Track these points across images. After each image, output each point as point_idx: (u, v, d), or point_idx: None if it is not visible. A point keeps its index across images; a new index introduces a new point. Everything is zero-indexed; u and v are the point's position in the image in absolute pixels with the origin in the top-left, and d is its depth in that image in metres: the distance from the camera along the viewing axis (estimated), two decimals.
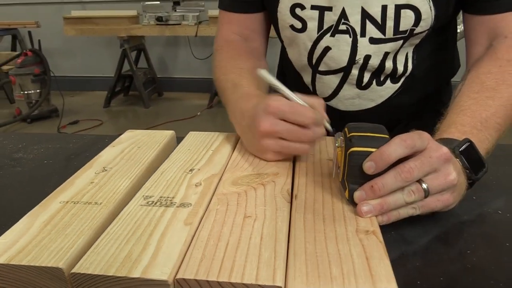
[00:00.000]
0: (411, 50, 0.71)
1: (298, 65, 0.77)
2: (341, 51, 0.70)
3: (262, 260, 0.33)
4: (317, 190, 0.45)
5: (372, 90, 0.73)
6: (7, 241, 0.37)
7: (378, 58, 0.69)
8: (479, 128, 0.52)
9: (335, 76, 0.73)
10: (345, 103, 0.75)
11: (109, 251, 0.35)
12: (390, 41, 0.67)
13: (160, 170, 0.51)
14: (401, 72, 0.72)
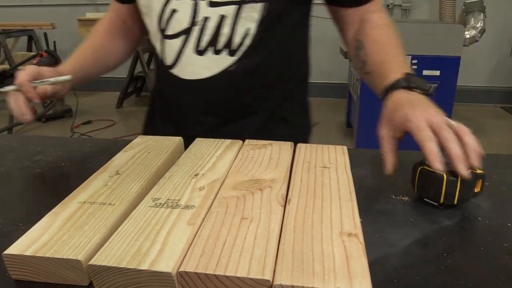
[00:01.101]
0: (253, 26, 0.75)
1: (153, 33, 0.83)
2: (184, 13, 0.75)
3: (254, 257, 0.38)
4: (309, 196, 0.50)
5: (209, 58, 0.77)
6: (32, 236, 0.42)
7: (214, 21, 0.74)
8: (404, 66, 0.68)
9: (178, 39, 0.77)
10: (185, 70, 0.79)
11: (121, 247, 0.40)
12: (225, 4, 0.73)
13: (168, 175, 0.56)
14: (238, 43, 0.76)
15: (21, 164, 0.72)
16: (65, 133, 3.54)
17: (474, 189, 0.54)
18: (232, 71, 0.77)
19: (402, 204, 0.56)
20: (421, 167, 0.55)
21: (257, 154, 0.63)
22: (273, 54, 0.79)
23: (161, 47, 0.81)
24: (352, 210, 0.47)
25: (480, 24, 3.04)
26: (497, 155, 0.73)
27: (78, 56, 0.84)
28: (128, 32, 0.93)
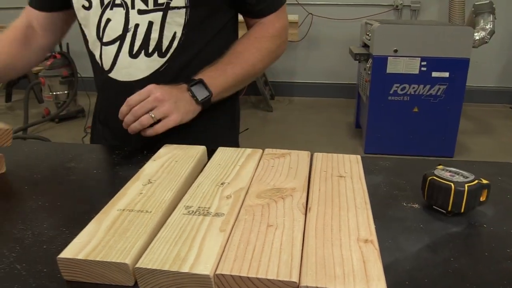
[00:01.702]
0: (179, 29, 0.84)
1: (91, 42, 0.90)
2: (118, 22, 0.84)
3: (281, 261, 0.43)
4: (327, 205, 0.55)
5: (142, 60, 0.86)
6: (81, 242, 0.48)
7: (144, 27, 0.83)
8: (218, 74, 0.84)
9: (114, 45, 0.86)
10: (121, 72, 0.87)
11: (163, 251, 0.45)
12: (152, 11, 0.82)
13: (197, 183, 0.61)
14: (167, 46, 0.85)
15: (56, 171, 0.77)
16: (79, 134, 3.61)
17: (480, 198, 0.58)
18: (163, 71, 0.87)
19: (413, 211, 0.61)
20: (430, 177, 0.60)
21: (277, 164, 0.68)
22: (200, 55, 0.88)
23: (99, 53, 0.89)
24: (367, 218, 0.52)
25: (489, 25, 3.05)
26: (504, 164, 0.77)
27: None
28: (35, 42, 0.98)
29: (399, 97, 2.86)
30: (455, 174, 0.59)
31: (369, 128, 2.98)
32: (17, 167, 0.78)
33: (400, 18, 4.07)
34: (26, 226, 0.58)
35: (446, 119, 2.85)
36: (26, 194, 0.69)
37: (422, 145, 2.94)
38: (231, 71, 0.86)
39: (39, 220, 0.60)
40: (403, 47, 2.74)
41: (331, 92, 4.41)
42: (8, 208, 0.64)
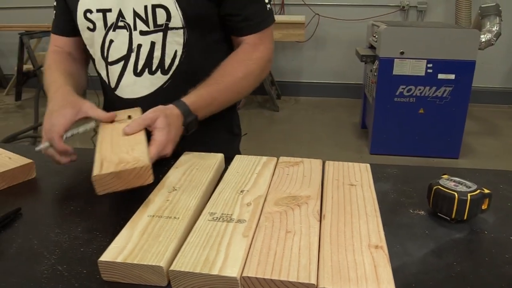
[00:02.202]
0: (180, 48, 0.89)
1: (97, 61, 0.95)
2: (121, 42, 0.90)
3: (300, 265, 0.48)
4: (340, 212, 0.59)
5: (146, 78, 0.91)
6: (118, 246, 0.53)
7: (147, 47, 0.89)
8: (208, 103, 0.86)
9: (118, 65, 0.91)
10: (126, 90, 0.93)
11: (193, 255, 0.50)
12: (153, 32, 0.88)
13: (218, 191, 0.66)
14: (169, 64, 0.90)
15: (83, 176, 0.82)
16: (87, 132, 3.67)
17: (481, 206, 0.63)
18: (166, 87, 0.92)
19: (419, 218, 0.65)
20: (436, 187, 0.64)
21: (291, 172, 0.72)
22: (200, 70, 0.91)
23: (106, 72, 0.95)
24: (377, 225, 0.56)
25: (496, 27, 3.08)
26: (505, 172, 0.82)
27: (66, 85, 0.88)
28: (76, 60, 1.01)
29: (405, 98, 2.89)
30: (458, 184, 0.64)
31: (375, 129, 3.02)
32: (46, 172, 0.84)
33: (406, 19, 4.09)
34: (62, 230, 0.63)
35: (451, 120, 2.88)
36: (58, 199, 0.74)
37: (427, 147, 2.97)
38: (218, 101, 0.89)
39: (73, 224, 0.65)
40: (410, 49, 2.77)
41: (337, 92, 4.44)
42: (44, 212, 0.69)
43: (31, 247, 0.59)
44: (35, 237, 0.62)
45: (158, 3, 0.85)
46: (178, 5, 0.85)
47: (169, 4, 0.85)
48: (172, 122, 0.77)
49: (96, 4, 0.89)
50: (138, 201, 0.68)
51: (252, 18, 0.91)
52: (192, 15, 0.87)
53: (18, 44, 4.34)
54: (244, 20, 0.91)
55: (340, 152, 3.17)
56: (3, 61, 5.00)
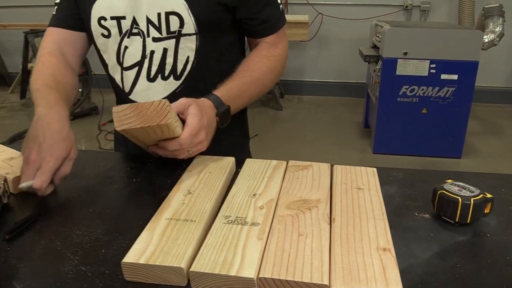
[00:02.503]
0: (192, 54, 0.92)
1: (111, 67, 0.97)
2: (136, 48, 0.92)
3: (313, 266, 0.51)
4: (349, 216, 0.62)
5: (159, 83, 0.94)
6: (140, 248, 0.56)
7: (159, 53, 0.91)
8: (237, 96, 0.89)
9: (133, 70, 0.94)
10: (140, 95, 0.95)
11: (211, 257, 0.53)
12: (166, 39, 0.90)
13: (232, 194, 0.69)
14: (181, 69, 0.93)
15: (99, 179, 0.85)
16: (93, 131, 3.70)
17: (484, 210, 0.65)
18: (179, 92, 0.94)
19: (424, 221, 0.68)
20: (440, 191, 0.67)
21: (301, 176, 0.75)
22: (212, 74, 0.95)
23: (120, 77, 0.97)
24: (384, 228, 0.59)
25: (499, 28, 3.09)
26: (508, 176, 0.84)
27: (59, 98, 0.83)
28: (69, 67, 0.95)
29: (408, 98, 2.92)
30: (462, 189, 0.66)
31: (378, 128, 3.04)
32: None
33: (409, 19, 4.11)
34: (83, 232, 0.66)
35: (454, 120, 2.91)
36: (77, 201, 0.77)
37: (430, 146, 3.00)
38: (247, 94, 0.93)
39: (93, 226, 0.68)
40: (413, 50, 2.79)
41: (340, 91, 4.47)
42: (63, 215, 0.72)
43: (55, 249, 0.62)
44: (57, 238, 0.65)
45: (171, 10, 0.88)
46: (191, 11, 0.88)
47: (182, 11, 0.88)
48: (205, 111, 0.79)
49: (110, 11, 0.91)
50: (155, 204, 0.71)
51: (268, 20, 0.94)
52: (204, 21, 0.90)
53: (23, 43, 4.37)
54: (261, 23, 0.94)
55: (344, 152, 3.20)
56: (8, 59, 5.03)
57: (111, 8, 0.90)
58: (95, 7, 0.91)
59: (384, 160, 3.02)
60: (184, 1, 0.87)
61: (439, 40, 2.76)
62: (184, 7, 0.88)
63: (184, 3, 0.87)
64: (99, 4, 0.91)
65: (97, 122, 3.85)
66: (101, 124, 3.82)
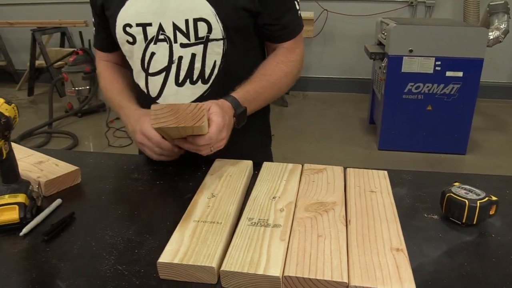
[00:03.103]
0: (218, 58, 0.95)
1: (135, 73, 1.01)
2: (162, 54, 0.95)
3: (333, 265, 0.55)
4: (363, 218, 0.67)
5: (187, 88, 0.97)
6: (172, 249, 0.61)
7: (188, 58, 0.94)
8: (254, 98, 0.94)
9: (160, 76, 0.97)
10: (168, 99, 0.98)
11: (239, 257, 0.58)
12: (194, 44, 0.93)
13: (253, 197, 0.74)
14: (208, 74, 0.96)
15: (124, 182, 0.90)
16: (101, 128, 3.75)
17: (490, 212, 0.70)
18: (206, 96, 0.98)
19: (433, 222, 0.73)
20: (448, 194, 0.71)
21: (316, 179, 0.80)
22: (237, 77, 0.97)
23: (145, 83, 1.00)
24: (397, 229, 0.64)
25: (504, 25, 3.11)
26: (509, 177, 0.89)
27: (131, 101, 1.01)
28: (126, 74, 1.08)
29: (414, 95, 2.95)
30: (469, 192, 0.71)
31: (384, 125, 3.08)
32: (89, 178, 0.91)
33: (414, 15, 4.12)
34: (115, 233, 0.71)
35: (459, 117, 2.94)
36: (105, 203, 0.82)
37: (435, 143, 3.04)
38: (263, 96, 0.97)
39: (124, 227, 0.73)
40: (418, 47, 2.82)
41: (345, 87, 4.50)
42: (95, 216, 0.77)
43: (91, 249, 0.67)
44: (92, 239, 0.70)
45: (199, 16, 0.91)
46: (219, 17, 0.91)
47: (209, 17, 0.91)
48: (225, 110, 0.84)
49: (136, 19, 0.93)
50: (180, 206, 0.76)
51: (288, 26, 0.98)
52: (231, 26, 0.93)
53: (31, 40, 4.42)
54: (282, 29, 0.98)
55: (349, 148, 3.23)
56: (14, 56, 5.08)
57: (137, 15, 0.93)
58: (121, 15, 0.94)
59: (389, 156, 3.06)
60: (212, 8, 0.90)
61: (444, 37, 2.79)
62: (212, 13, 0.90)
63: (211, 9, 0.90)
64: (125, 12, 0.93)
65: (105, 119, 3.88)
66: (109, 121, 3.85)
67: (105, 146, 3.38)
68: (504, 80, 4.21)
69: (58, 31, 4.75)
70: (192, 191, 0.80)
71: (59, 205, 0.80)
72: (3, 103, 0.74)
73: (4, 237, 0.71)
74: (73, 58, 4.05)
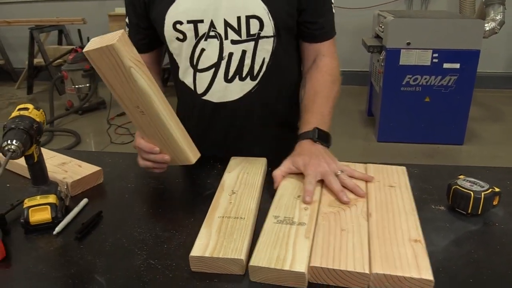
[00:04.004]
0: (268, 56, 0.98)
1: (183, 69, 1.02)
2: (212, 51, 0.97)
3: (355, 257, 0.60)
4: (383, 211, 0.71)
5: (236, 84, 0.99)
6: (202, 243, 0.65)
7: (238, 55, 0.96)
8: (319, 118, 0.94)
9: (209, 72, 0.99)
10: (216, 95, 1.01)
11: (266, 253, 0.62)
12: (245, 41, 0.95)
13: (278, 196, 0.77)
14: (257, 70, 0.98)
15: (145, 180, 0.94)
16: (102, 125, 3.77)
17: (493, 202, 0.75)
18: (254, 92, 1.02)
19: (440, 213, 0.78)
20: (454, 187, 0.76)
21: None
22: (283, 74, 1.02)
23: (192, 79, 1.02)
24: (415, 222, 0.69)
25: (499, 16, 3.16)
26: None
27: None
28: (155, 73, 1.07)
29: (412, 87, 3.00)
30: (473, 184, 0.76)
31: (382, 117, 3.13)
32: (110, 178, 0.96)
33: (411, 7, 4.16)
34: (143, 229, 0.76)
35: (456, 108, 2.99)
36: (130, 202, 0.86)
37: (433, 134, 3.09)
38: (326, 112, 0.97)
39: (150, 224, 0.78)
40: (416, 40, 2.86)
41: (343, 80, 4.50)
42: (121, 214, 0.82)
43: (122, 245, 0.72)
44: (122, 236, 0.74)
45: (252, 14, 0.93)
46: (271, 15, 0.93)
47: (262, 14, 0.93)
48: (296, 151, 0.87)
49: (187, 16, 0.94)
50: (201, 202, 0.81)
51: (326, 25, 1.01)
52: (281, 24, 0.95)
53: (29, 38, 4.42)
54: (320, 28, 1.00)
55: (348, 140, 3.28)
56: (12, 54, 5.08)
57: (188, 12, 0.94)
58: (170, 13, 0.95)
59: (388, 148, 3.11)
60: (265, 5, 0.92)
61: (441, 30, 2.83)
62: (264, 11, 0.93)
63: (264, 7, 0.92)
64: (175, 9, 0.94)
65: (106, 117, 3.90)
66: (110, 119, 3.87)
67: (107, 143, 3.41)
68: (500, 70, 4.26)
69: (56, 29, 4.76)
70: (211, 188, 0.85)
71: (85, 205, 0.84)
72: (33, 109, 0.78)
73: (38, 236, 0.75)
74: (72, 56, 4.06)
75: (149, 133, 0.83)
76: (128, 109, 0.80)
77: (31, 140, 0.72)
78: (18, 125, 0.72)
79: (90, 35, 4.70)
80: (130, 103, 0.79)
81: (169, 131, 0.80)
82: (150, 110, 0.77)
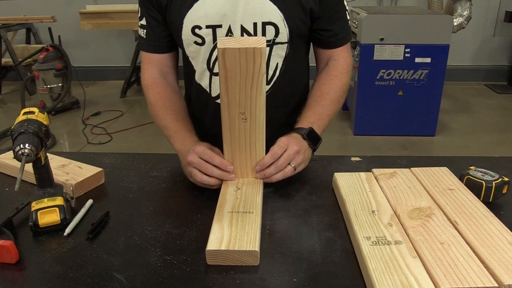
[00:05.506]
0: (280, 61, 1.02)
1: (199, 72, 1.04)
2: None
3: (474, 270, 0.57)
4: (464, 217, 0.70)
5: None
6: (217, 237, 0.68)
7: None
8: (318, 118, 0.98)
9: None
10: None
11: (388, 281, 0.57)
12: None
13: (353, 212, 0.74)
14: (271, 75, 1.03)
15: (146, 180, 0.96)
16: (77, 126, 3.70)
17: (503, 191, 0.80)
18: (267, 96, 1.02)
19: None
20: (467, 176, 0.82)
21: (396, 184, 0.82)
22: (294, 78, 1.05)
23: (208, 82, 1.04)
24: (499, 223, 0.68)
25: (466, 12, 3.30)
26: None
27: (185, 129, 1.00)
28: (173, 87, 1.08)
29: (385, 82, 3.10)
30: (485, 174, 0.81)
31: (358, 111, 3.22)
32: (111, 179, 0.97)
33: (381, 4, 4.27)
34: (153, 227, 0.78)
35: (428, 101, 3.11)
36: (135, 201, 0.88)
37: (407, 126, 3.21)
38: (326, 114, 1.00)
39: (159, 222, 0.80)
40: (389, 36, 2.96)
41: None
42: (129, 213, 0.84)
43: (135, 243, 0.74)
44: (134, 234, 0.76)
45: (268, 20, 0.95)
46: (286, 22, 0.96)
47: (278, 21, 0.95)
48: (297, 140, 0.90)
49: (205, 20, 0.96)
50: (206, 199, 0.84)
51: (340, 33, 1.03)
52: (295, 31, 0.98)
53: None
54: (334, 35, 1.03)
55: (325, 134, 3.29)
56: None
57: (207, 17, 0.95)
58: (188, 17, 0.96)
59: (365, 141, 3.21)
60: (281, 13, 0.95)
61: (413, 25, 2.93)
62: (280, 18, 0.95)
63: (280, 14, 0.95)
64: (194, 14, 0.96)
65: (80, 116, 3.84)
66: (85, 118, 3.81)
67: (85, 144, 3.36)
68: (467, 63, 4.44)
69: (23, 27, 4.62)
70: None
71: (91, 205, 0.86)
72: (38, 112, 0.79)
73: (48, 239, 0.76)
74: (43, 55, 3.94)
75: (237, 144, 0.86)
76: (228, 116, 0.83)
77: (41, 143, 0.73)
78: (28, 129, 0.72)
79: (61, 34, 4.60)
80: (237, 108, 0.81)
81: (263, 138, 0.84)
82: (257, 116, 0.82)
